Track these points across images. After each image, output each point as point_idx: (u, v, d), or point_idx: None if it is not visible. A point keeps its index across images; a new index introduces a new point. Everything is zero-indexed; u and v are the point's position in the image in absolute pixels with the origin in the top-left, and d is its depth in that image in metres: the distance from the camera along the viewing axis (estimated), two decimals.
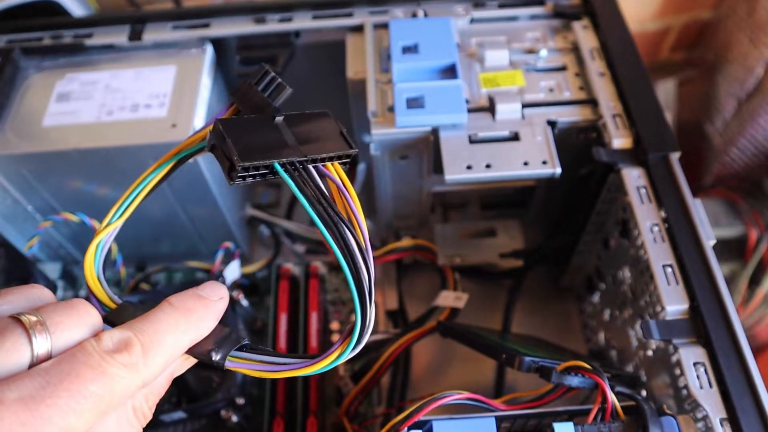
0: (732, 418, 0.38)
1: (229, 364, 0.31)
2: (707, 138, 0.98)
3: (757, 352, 0.93)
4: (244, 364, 0.31)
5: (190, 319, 0.30)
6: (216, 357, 0.30)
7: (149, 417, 0.30)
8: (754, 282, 0.87)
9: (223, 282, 0.59)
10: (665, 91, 1.02)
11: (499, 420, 0.41)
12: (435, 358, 0.68)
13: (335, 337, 0.67)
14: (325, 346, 0.66)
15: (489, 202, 0.72)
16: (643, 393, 0.49)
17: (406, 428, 0.39)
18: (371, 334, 0.62)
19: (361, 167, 0.66)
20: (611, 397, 0.39)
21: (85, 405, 0.24)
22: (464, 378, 0.66)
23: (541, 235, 0.71)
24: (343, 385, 0.60)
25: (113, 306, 0.31)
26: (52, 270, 0.70)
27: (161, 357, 0.28)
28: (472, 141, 0.52)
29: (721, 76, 0.94)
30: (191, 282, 0.61)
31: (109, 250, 0.60)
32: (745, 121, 0.89)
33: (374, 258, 0.66)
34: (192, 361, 0.32)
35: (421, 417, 0.39)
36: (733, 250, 0.89)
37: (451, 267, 0.65)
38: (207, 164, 0.59)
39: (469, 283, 0.71)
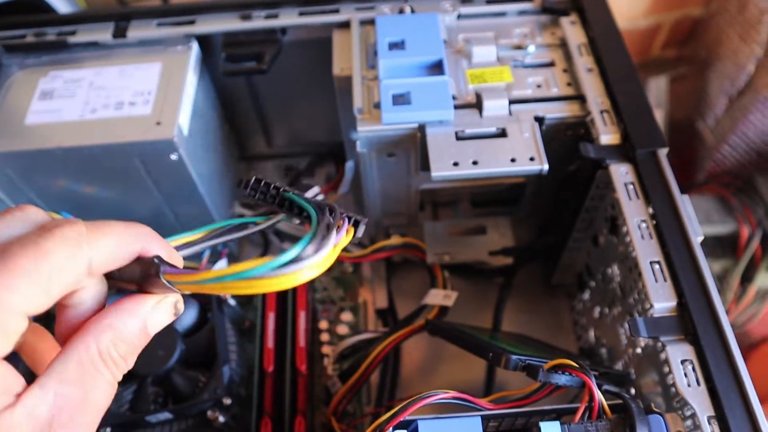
0: (720, 415, 0.38)
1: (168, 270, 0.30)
2: (699, 135, 0.98)
3: (749, 348, 0.93)
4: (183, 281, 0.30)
5: (140, 230, 0.30)
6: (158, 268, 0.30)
7: (122, 367, 0.30)
8: (746, 279, 0.87)
9: None
10: (657, 88, 1.01)
11: (485, 419, 0.40)
12: (425, 357, 0.67)
13: (324, 336, 0.66)
14: (314, 345, 0.66)
15: (479, 200, 0.72)
16: (633, 391, 0.49)
17: (391, 428, 0.38)
18: (360, 332, 0.61)
19: (350, 165, 0.66)
20: (598, 395, 0.38)
21: (19, 281, 0.25)
22: (454, 376, 0.65)
23: (532, 232, 0.70)
24: (332, 385, 0.59)
25: None
26: None
27: (108, 239, 0.28)
28: (459, 138, 0.52)
29: (713, 73, 0.94)
30: None
31: None
32: (737, 118, 0.89)
33: (363, 256, 0.66)
34: (168, 313, 0.32)
35: (406, 416, 0.39)
36: (725, 247, 0.88)
37: (441, 265, 0.65)
38: (193, 163, 0.59)
39: (460, 281, 0.71)
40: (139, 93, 0.58)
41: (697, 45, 0.99)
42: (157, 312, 0.31)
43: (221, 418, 0.56)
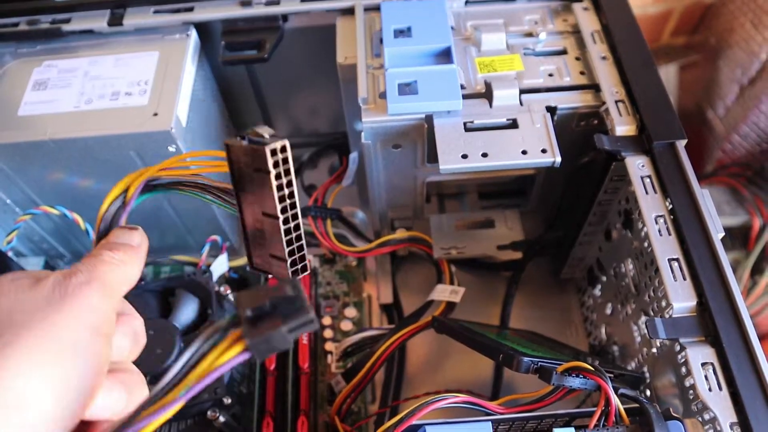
0: (743, 422, 0.36)
1: None
2: (709, 124, 0.96)
3: (760, 340, 0.91)
4: None
5: None
6: None
7: None
8: (757, 271, 0.85)
9: (210, 277, 0.57)
10: (667, 76, 0.99)
11: (495, 423, 0.39)
12: (431, 354, 0.66)
13: (327, 333, 0.65)
14: (317, 342, 0.64)
15: (487, 191, 0.70)
16: (648, 393, 0.47)
17: None
18: (365, 329, 0.60)
19: (353, 156, 0.64)
20: (615, 400, 0.37)
21: None
22: (461, 374, 0.64)
23: (541, 224, 0.69)
24: (335, 383, 0.58)
25: None
26: (35, 264, 0.68)
27: None
28: (468, 129, 0.50)
29: (723, 61, 0.92)
30: (178, 277, 0.58)
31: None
32: (747, 107, 0.87)
33: (368, 251, 0.64)
34: None
35: (413, 422, 0.37)
36: (735, 238, 0.87)
37: (448, 260, 0.63)
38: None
39: (467, 275, 0.69)
40: (136, 83, 0.56)
41: (708, 32, 0.97)
42: None
43: (222, 418, 0.54)
